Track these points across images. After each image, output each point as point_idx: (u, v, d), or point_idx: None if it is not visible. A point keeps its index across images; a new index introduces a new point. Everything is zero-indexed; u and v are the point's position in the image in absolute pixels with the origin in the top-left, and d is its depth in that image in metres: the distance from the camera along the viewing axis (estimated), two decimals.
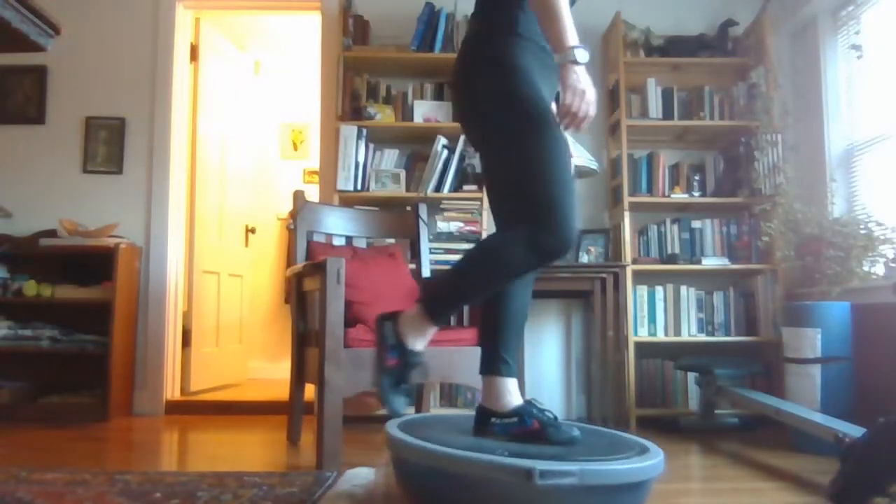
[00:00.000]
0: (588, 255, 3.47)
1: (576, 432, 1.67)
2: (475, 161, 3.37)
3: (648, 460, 1.52)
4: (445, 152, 3.34)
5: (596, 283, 3.14)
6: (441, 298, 1.66)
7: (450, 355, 2.45)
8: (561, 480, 1.38)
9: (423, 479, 1.62)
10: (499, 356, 1.74)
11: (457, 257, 3.27)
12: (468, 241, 3.29)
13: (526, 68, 1.61)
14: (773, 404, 2.59)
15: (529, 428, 1.66)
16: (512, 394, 1.72)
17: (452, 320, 3.13)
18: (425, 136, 3.39)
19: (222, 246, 4.16)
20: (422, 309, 1.64)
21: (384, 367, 1.64)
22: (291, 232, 2.78)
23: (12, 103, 3.62)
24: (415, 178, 3.41)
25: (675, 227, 3.42)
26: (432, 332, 1.66)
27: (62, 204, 3.56)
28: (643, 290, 3.34)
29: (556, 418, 1.70)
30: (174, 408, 3.54)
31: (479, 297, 1.68)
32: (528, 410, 1.69)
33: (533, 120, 1.57)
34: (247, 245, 4.54)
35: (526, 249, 1.52)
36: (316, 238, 2.78)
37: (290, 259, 3.63)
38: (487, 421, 1.73)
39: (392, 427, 1.78)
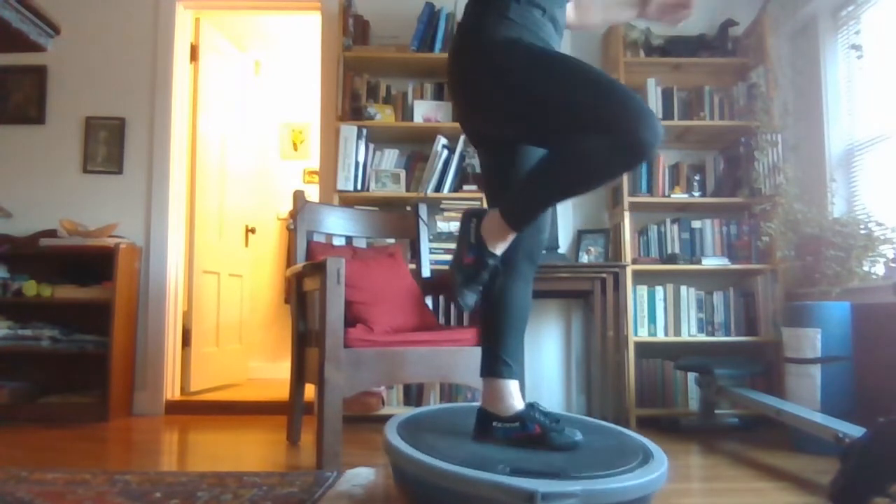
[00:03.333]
0: (588, 255, 3.47)
1: (578, 436, 1.65)
2: (475, 161, 3.37)
3: (652, 473, 1.49)
4: (445, 152, 3.34)
5: (596, 283, 3.14)
6: (523, 206, 1.59)
7: (450, 355, 2.45)
8: (563, 502, 1.36)
9: (421, 491, 1.61)
10: (499, 358, 1.73)
11: None
12: None
13: (515, 37, 1.60)
14: (774, 404, 2.59)
15: (531, 433, 1.65)
16: (514, 396, 1.70)
17: (452, 320, 3.14)
18: (425, 136, 3.39)
19: (222, 246, 4.16)
20: (503, 215, 1.59)
21: (461, 264, 1.62)
22: (291, 232, 2.78)
23: (12, 103, 3.62)
24: (415, 178, 3.41)
25: (675, 227, 3.42)
26: (512, 237, 1.61)
27: (62, 204, 3.56)
28: (643, 290, 3.33)
29: (558, 420, 1.69)
30: (174, 408, 3.54)
31: (562, 201, 1.62)
32: (530, 415, 1.67)
33: (542, 63, 1.55)
34: (247, 245, 4.54)
35: (620, 155, 1.43)
36: (316, 238, 2.78)
37: (290, 259, 3.63)
38: (489, 424, 1.71)
39: (391, 431, 1.76)
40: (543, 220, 1.77)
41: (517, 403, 1.70)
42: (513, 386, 1.72)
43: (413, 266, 2.98)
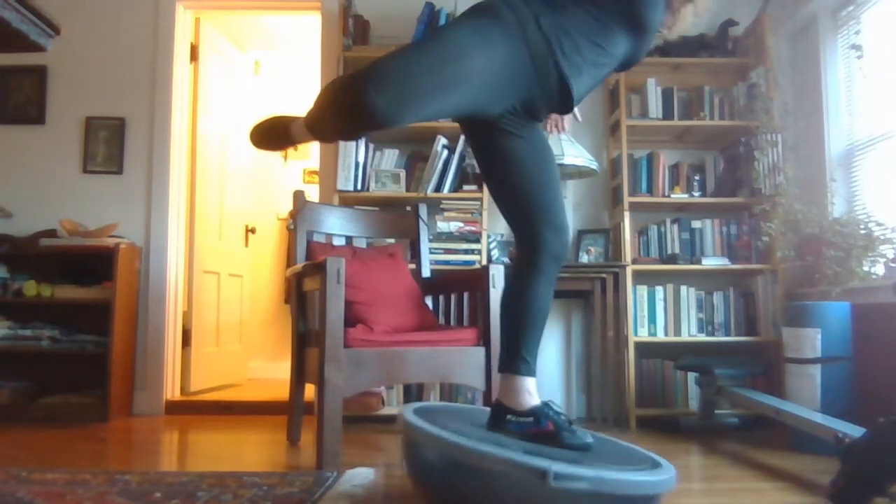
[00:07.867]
0: (588, 255, 3.47)
1: (589, 439, 1.67)
2: (475, 161, 3.36)
3: (661, 475, 1.52)
4: (445, 152, 3.34)
5: (596, 283, 3.14)
6: (309, 114, 1.78)
7: (450, 355, 2.45)
8: (574, 484, 1.38)
9: (436, 468, 1.63)
10: (519, 355, 1.74)
11: (456, 257, 3.28)
12: (468, 240, 3.29)
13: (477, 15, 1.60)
14: (773, 404, 2.59)
15: (544, 429, 1.67)
16: (531, 393, 1.72)
17: (452, 320, 3.13)
18: (425, 136, 3.39)
19: (222, 246, 4.16)
20: (304, 121, 1.82)
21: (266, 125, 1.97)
22: (291, 232, 2.78)
23: (12, 103, 3.62)
24: (415, 178, 3.40)
25: (675, 227, 3.42)
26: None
27: (62, 204, 3.56)
28: (643, 290, 3.33)
29: (570, 423, 1.70)
30: (174, 408, 3.53)
31: (321, 127, 1.77)
32: (544, 412, 1.69)
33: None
34: (247, 245, 4.54)
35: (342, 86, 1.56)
36: (316, 238, 2.78)
37: (290, 259, 3.63)
38: (503, 417, 1.73)
39: (408, 412, 1.78)
40: (564, 221, 1.76)
41: (533, 400, 1.72)
42: (530, 383, 1.73)
43: (413, 266, 2.98)
